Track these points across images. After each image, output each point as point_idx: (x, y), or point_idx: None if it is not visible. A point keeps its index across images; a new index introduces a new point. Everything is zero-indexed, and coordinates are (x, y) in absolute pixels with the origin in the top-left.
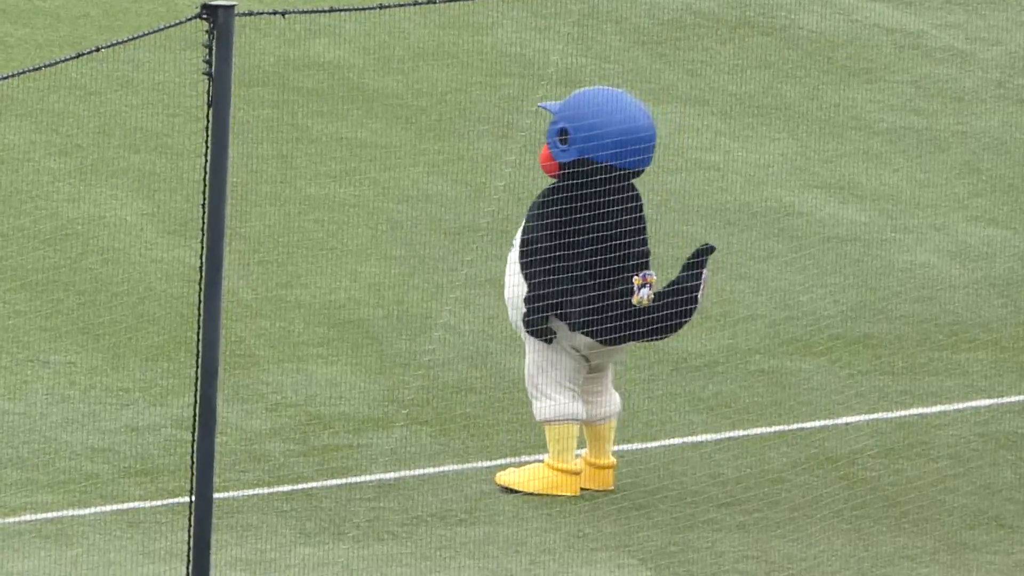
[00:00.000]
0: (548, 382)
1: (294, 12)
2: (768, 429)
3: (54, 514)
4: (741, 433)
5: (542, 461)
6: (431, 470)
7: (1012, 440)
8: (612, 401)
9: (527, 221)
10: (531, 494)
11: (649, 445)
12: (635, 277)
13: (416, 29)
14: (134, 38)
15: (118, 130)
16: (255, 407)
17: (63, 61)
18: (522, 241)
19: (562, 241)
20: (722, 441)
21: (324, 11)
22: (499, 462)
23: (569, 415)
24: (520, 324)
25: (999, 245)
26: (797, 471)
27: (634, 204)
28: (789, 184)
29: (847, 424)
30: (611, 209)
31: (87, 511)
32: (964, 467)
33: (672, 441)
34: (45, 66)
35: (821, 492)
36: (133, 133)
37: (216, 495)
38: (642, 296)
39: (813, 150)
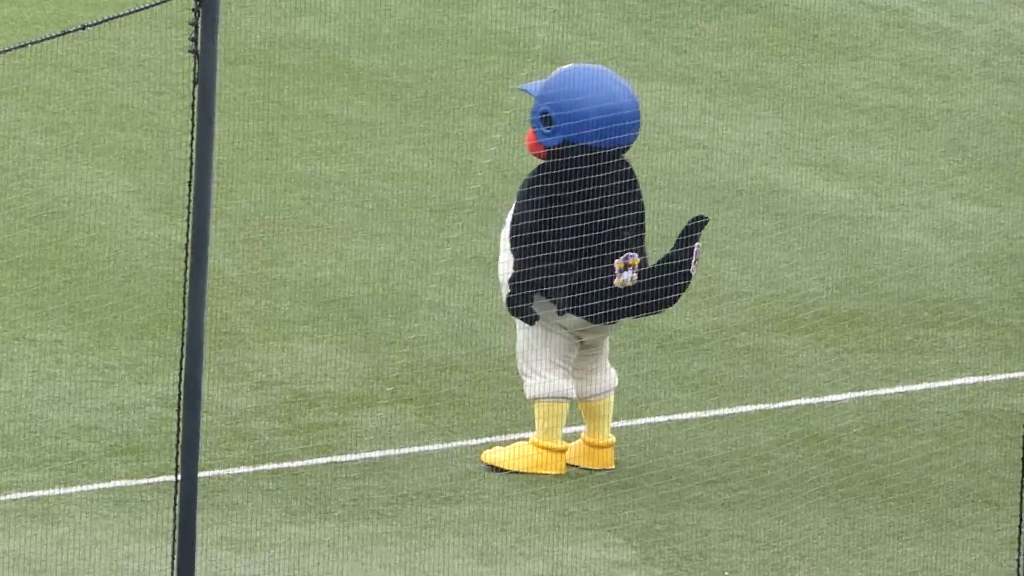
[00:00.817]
0: (539, 360)
1: None
2: (754, 407)
3: (40, 493)
4: (727, 411)
5: (527, 439)
6: (416, 448)
7: (997, 418)
8: (608, 378)
9: (517, 200)
10: (516, 472)
11: (635, 423)
12: (617, 261)
13: (401, 6)
14: (120, 16)
15: (104, 108)
16: (240, 385)
17: (49, 39)
18: (512, 219)
19: (548, 219)
20: (708, 419)
21: None
22: (485, 440)
23: (559, 393)
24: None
25: (984, 223)
26: (783, 449)
27: (625, 181)
28: (775, 162)
29: (833, 402)
30: (599, 188)
31: (73, 489)
32: (950, 445)
33: (658, 419)
34: (31, 43)
35: (807, 470)
36: (119, 111)
37: (201, 474)
38: (624, 279)
39: (799, 128)
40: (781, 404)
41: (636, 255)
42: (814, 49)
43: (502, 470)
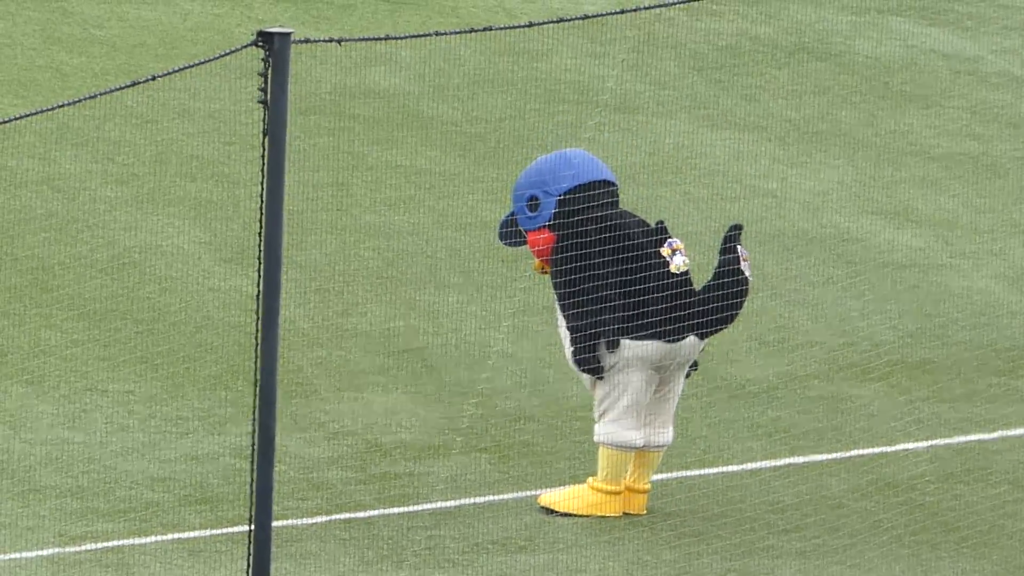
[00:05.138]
0: (615, 407)
1: (351, 40)
2: (826, 455)
3: (115, 543)
4: (799, 460)
5: (584, 483)
6: (490, 498)
7: None
8: (668, 432)
9: (553, 277)
10: (571, 515)
11: (707, 472)
12: (662, 248)
13: (472, 56)
14: (190, 66)
15: (174, 158)
16: (314, 436)
17: (119, 89)
18: (553, 278)
19: (585, 263)
20: (780, 467)
21: (381, 39)
22: (558, 490)
23: (627, 443)
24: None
25: None
26: (856, 497)
27: (621, 211)
28: (846, 210)
29: (906, 450)
30: (609, 209)
31: (147, 540)
32: (1023, 492)
33: (730, 468)
34: (102, 94)
35: (880, 518)
36: (189, 161)
37: (275, 523)
38: (678, 264)
39: (870, 176)
40: (854, 452)
41: (678, 240)
42: (885, 97)
43: (557, 512)
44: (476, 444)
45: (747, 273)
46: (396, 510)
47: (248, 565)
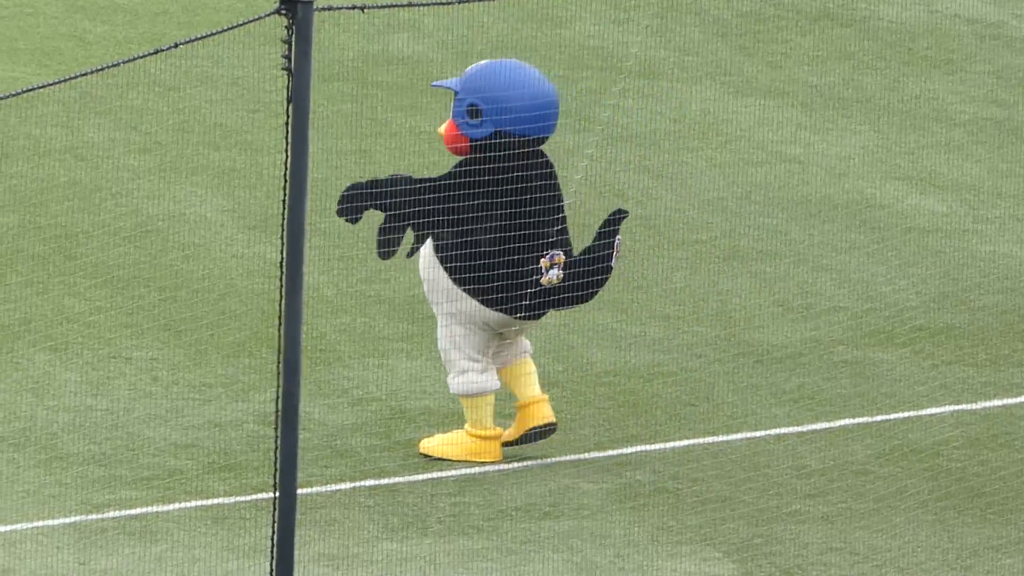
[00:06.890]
0: (461, 357)
1: (373, 7)
2: (852, 421)
3: (138, 510)
4: (825, 425)
5: (463, 428)
6: (515, 464)
7: None
8: (520, 344)
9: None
10: (451, 460)
11: (732, 437)
12: (543, 259)
13: (495, 23)
14: (213, 34)
15: (198, 126)
16: (338, 402)
17: (142, 57)
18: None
19: (476, 215)
20: (805, 433)
21: (403, 5)
22: (583, 456)
23: (481, 389)
24: (432, 298)
25: None
26: (881, 463)
27: (547, 173)
28: (870, 176)
29: (931, 415)
30: (527, 184)
31: (171, 507)
32: None
33: (755, 433)
34: (124, 62)
35: (906, 483)
36: (213, 129)
37: (300, 490)
38: (551, 277)
39: (894, 142)
40: (879, 418)
41: (561, 253)
42: (909, 62)
43: (432, 457)
44: (500, 410)
45: (613, 264)
46: (420, 477)
47: (272, 532)
